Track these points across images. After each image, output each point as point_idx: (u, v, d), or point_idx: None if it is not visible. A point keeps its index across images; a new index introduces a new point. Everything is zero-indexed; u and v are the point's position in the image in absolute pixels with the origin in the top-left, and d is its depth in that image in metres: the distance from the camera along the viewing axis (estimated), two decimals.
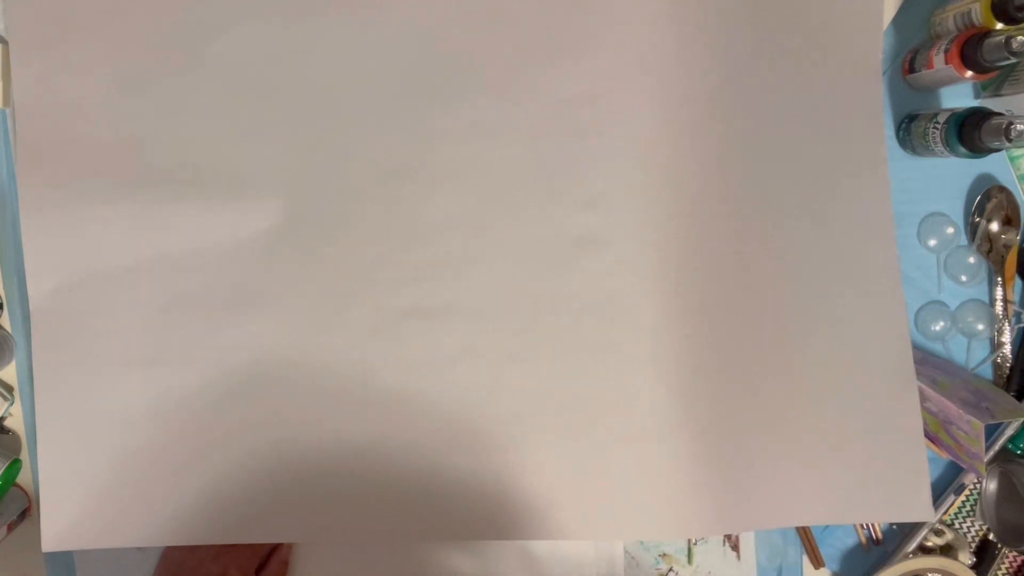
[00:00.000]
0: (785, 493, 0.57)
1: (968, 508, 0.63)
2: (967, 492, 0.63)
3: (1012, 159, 0.62)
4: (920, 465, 0.58)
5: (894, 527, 0.64)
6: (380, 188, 0.58)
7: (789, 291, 0.58)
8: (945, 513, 0.63)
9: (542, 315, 0.57)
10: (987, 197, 0.62)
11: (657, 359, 0.56)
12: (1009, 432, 0.62)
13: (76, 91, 0.57)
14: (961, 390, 0.58)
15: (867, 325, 0.59)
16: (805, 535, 0.63)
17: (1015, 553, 0.64)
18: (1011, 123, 0.51)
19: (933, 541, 0.63)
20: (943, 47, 0.55)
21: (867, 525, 0.63)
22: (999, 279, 0.62)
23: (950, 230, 0.62)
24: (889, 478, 0.58)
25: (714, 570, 0.63)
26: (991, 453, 0.62)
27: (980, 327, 0.62)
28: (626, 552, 0.63)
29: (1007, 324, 0.62)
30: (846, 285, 0.59)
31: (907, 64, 0.61)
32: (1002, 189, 0.62)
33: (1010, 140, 0.51)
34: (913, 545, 0.62)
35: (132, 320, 0.57)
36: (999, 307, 0.62)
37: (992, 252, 0.62)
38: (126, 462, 0.57)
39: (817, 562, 0.63)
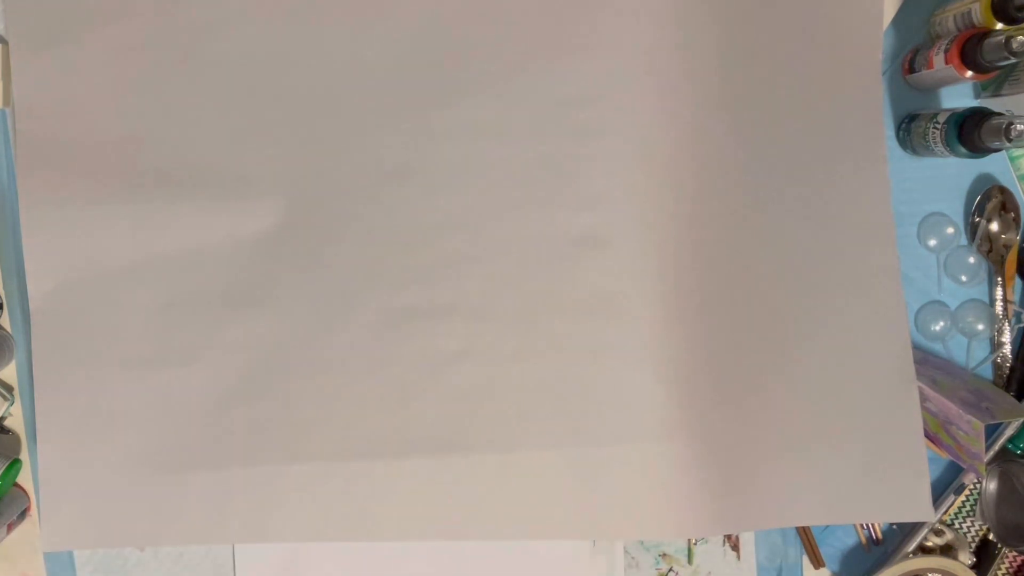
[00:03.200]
0: (785, 493, 0.57)
1: (968, 508, 0.63)
2: (967, 492, 0.63)
3: (1012, 159, 0.62)
4: (920, 465, 0.58)
5: (894, 527, 0.64)
6: (380, 188, 0.58)
7: (789, 291, 0.58)
8: (945, 513, 0.63)
9: (542, 315, 0.57)
10: (987, 197, 0.62)
11: (657, 359, 0.56)
12: (1009, 432, 0.62)
13: (76, 91, 0.57)
14: (961, 390, 0.58)
15: (867, 325, 0.59)
16: (805, 535, 0.63)
17: (1015, 553, 0.64)
18: (1011, 123, 0.51)
19: (933, 541, 0.63)
20: (943, 47, 0.55)
21: (867, 525, 0.63)
22: (999, 279, 0.62)
23: (950, 230, 0.62)
24: (889, 478, 0.58)
25: (714, 570, 0.63)
26: (991, 453, 0.62)
27: (980, 327, 0.62)
28: (626, 552, 0.63)
29: (1007, 324, 0.62)
30: (846, 285, 0.59)
31: (907, 64, 0.61)
32: (1002, 189, 0.62)
33: (1010, 140, 0.51)
34: (913, 545, 0.62)
35: (132, 320, 0.57)
36: (999, 307, 0.62)
37: (992, 252, 0.62)
38: (126, 462, 0.57)
39: (817, 562, 0.63)
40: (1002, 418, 0.56)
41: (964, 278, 0.62)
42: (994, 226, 0.62)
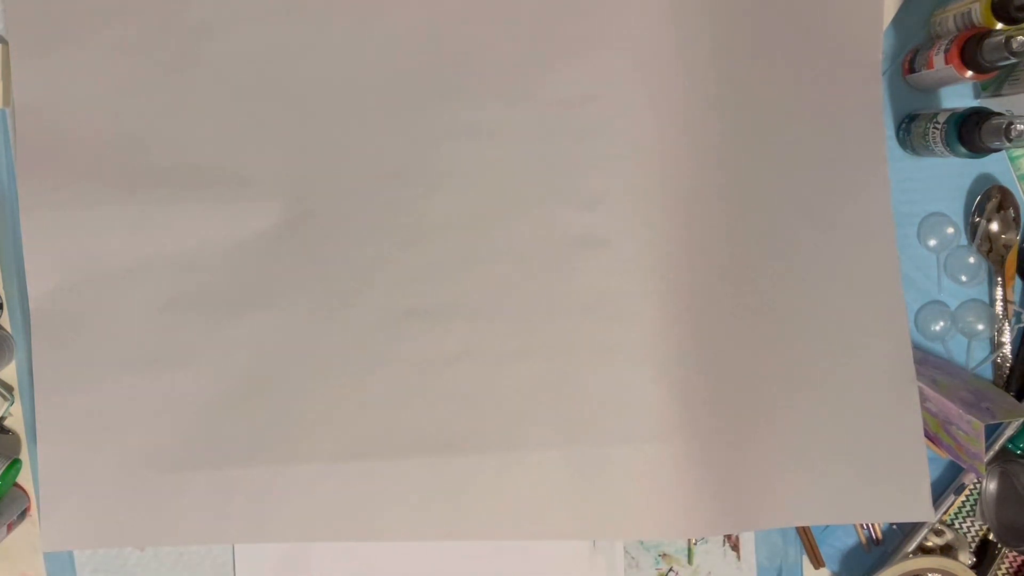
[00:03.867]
0: (785, 493, 0.57)
1: (968, 508, 0.63)
2: (967, 492, 0.63)
3: (1012, 159, 0.62)
4: (920, 465, 0.58)
5: (894, 527, 0.64)
6: (380, 188, 0.58)
7: (789, 291, 0.58)
8: (945, 513, 0.63)
9: (542, 315, 0.57)
10: (987, 197, 0.62)
11: (657, 359, 0.56)
12: (1009, 432, 0.62)
13: (76, 91, 0.57)
14: (961, 390, 0.58)
15: (867, 325, 0.59)
16: (805, 535, 0.63)
17: (1015, 553, 0.64)
18: (1011, 123, 0.51)
19: (933, 541, 0.63)
20: (943, 47, 0.55)
21: (867, 525, 0.63)
22: (999, 279, 0.62)
23: (950, 230, 0.62)
24: (889, 478, 0.58)
25: (714, 570, 0.63)
26: (991, 453, 0.62)
27: (980, 327, 0.62)
28: (626, 552, 0.63)
29: (1007, 324, 0.62)
30: (846, 285, 0.59)
31: (907, 64, 0.61)
32: (1002, 189, 0.62)
33: (1010, 140, 0.51)
34: (913, 545, 0.62)
35: (132, 320, 0.57)
36: (999, 307, 0.62)
37: (992, 252, 0.62)
38: (126, 462, 0.57)
39: (817, 562, 0.63)
40: (1002, 418, 0.56)
41: (964, 278, 0.62)
42: (994, 226, 0.62)
